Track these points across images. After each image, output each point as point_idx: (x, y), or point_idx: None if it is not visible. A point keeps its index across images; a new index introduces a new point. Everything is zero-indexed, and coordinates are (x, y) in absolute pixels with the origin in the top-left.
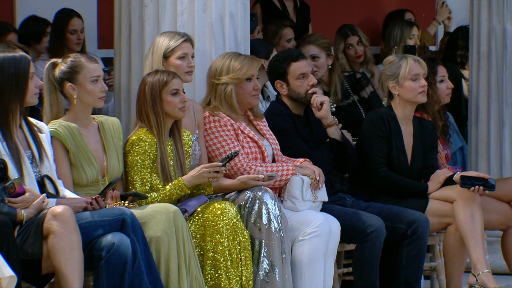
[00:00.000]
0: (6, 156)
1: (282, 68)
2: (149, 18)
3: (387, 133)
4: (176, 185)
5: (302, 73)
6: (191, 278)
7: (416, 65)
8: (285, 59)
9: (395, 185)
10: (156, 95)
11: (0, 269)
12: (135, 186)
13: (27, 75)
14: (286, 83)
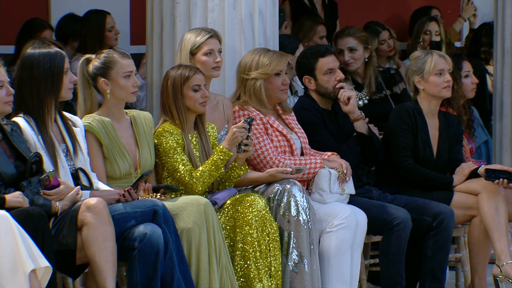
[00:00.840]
0: (42, 149)
1: (310, 64)
2: (180, 15)
3: (413, 126)
4: (218, 152)
5: (329, 69)
6: (221, 268)
7: (441, 60)
8: (313, 55)
9: (421, 178)
10: (177, 90)
11: (36, 260)
12: (178, 169)
13: (62, 70)
14: (314, 78)
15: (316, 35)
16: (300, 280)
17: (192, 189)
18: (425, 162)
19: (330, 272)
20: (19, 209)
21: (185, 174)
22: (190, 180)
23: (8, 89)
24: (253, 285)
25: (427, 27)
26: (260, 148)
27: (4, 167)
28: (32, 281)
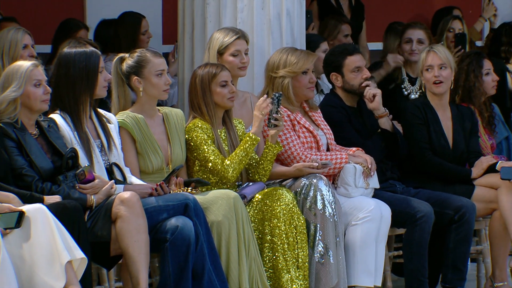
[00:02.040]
0: (77, 145)
1: (338, 61)
2: (210, 15)
3: (424, 119)
4: (246, 139)
5: (357, 67)
6: (250, 260)
7: (429, 57)
8: (341, 53)
9: (440, 170)
10: (206, 87)
11: (72, 251)
12: (210, 159)
13: (97, 69)
14: (341, 75)
15: (340, 34)
16: (325, 271)
17: (224, 176)
18: (442, 153)
19: (355, 264)
20: (56, 203)
21: (217, 162)
22: (222, 168)
23: (45, 87)
24: (281, 276)
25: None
26: (287, 143)
27: (41, 162)
28: (68, 272)
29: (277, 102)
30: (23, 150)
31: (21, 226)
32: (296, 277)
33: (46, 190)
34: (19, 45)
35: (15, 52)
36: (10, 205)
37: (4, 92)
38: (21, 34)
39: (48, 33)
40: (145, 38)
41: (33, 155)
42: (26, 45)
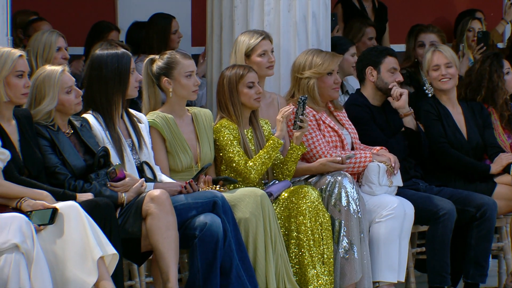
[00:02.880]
0: (109, 144)
1: (378, 57)
2: (238, 18)
3: (437, 115)
4: (270, 143)
5: (393, 67)
6: (276, 256)
7: (435, 56)
8: (382, 51)
9: (459, 163)
10: (233, 88)
11: (103, 247)
12: (234, 159)
13: (128, 70)
14: (378, 71)
15: (364, 36)
16: (350, 266)
17: (247, 177)
18: (459, 146)
19: (379, 260)
20: (88, 200)
21: (240, 163)
22: (245, 169)
23: (76, 91)
24: (307, 271)
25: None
26: (312, 142)
27: (74, 161)
28: (100, 267)
29: (303, 104)
30: (56, 149)
31: (54, 222)
32: (321, 273)
33: (79, 188)
34: (53, 48)
35: (48, 54)
36: (44, 202)
37: (39, 105)
38: (55, 36)
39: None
40: (176, 37)
41: (66, 153)
42: (59, 48)
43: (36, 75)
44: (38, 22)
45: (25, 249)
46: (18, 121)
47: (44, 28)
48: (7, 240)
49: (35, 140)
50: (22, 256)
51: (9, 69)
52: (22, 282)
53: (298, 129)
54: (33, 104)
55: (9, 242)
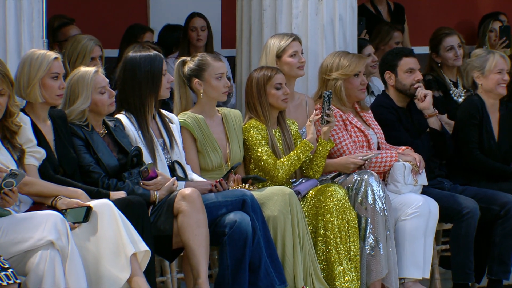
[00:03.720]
0: (141, 143)
1: (393, 61)
2: (267, 21)
3: (480, 120)
4: (301, 146)
5: (410, 68)
6: (304, 253)
7: (501, 60)
8: (397, 54)
9: (485, 168)
10: (261, 89)
11: (136, 244)
12: (262, 158)
13: (160, 71)
14: (395, 74)
15: (392, 40)
16: (376, 262)
17: (274, 176)
18: (489, 152)
19: (405, 257)
20: (121, 198)
21: (269, 162)
22: (273, 168)
23: (110, 92)
24: (334, 268)
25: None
26: (339, 142)
27: (108, 160)
28: (132, 264)
29: (328, 100)
30: (90, 149)
31: (88, 220)
32: (348, 269)
33: (112, 186)
34: (87, 58)
35: (81, 63)
36: (78, 201)
37: (72, 105)
38: (91, 46)
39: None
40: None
41: (100, 153)
42: (93, 58)
43: (70, 76)
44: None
45: (60, 246)
46: (53, 121)
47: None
48: (42, 237)
49: (70, 139)
50: (57, 252)
51: (44, 71)
52: (57, 278)
53: (325, 124)
54: (67, 104)
55: (45, 239)
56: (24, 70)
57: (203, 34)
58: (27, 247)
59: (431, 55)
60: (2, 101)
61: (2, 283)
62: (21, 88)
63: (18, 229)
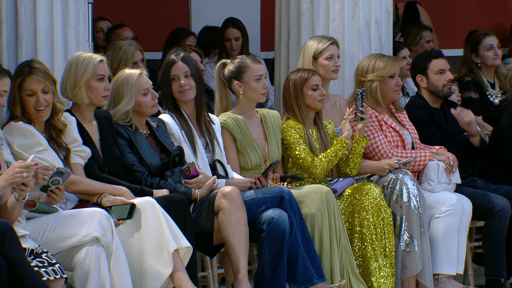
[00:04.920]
0: (184, 143)
1: (423, 64)
2: (304, 24)
3: None
4: (338, 142)
5: (440, 69)
6: (341, 249)
7: None
8: (427, 56)
9: None
10: (298, 90)
11: (178, 241)
12: (300, 156)
13: (168, 77)
14: (426, 77)
15: (422, 40)
16: (410, 259)
17: (313, 173)
18: None
19: (439, 254)
20: (164, 196)
21: (307, 160)
22: (312, 165)
23: (153, 93)
24: (370, 264)
25: None
26: (375, 142)
27: (151, 159)
28: (175, 259)
29: (361, 97)
30: (134, 148)
31: (132, 217)
32: (383, 265)
33: (155, 185)
34: (129, 63)
35: (124, 68)
36: (123, 198)
37: (117, 106)
38: (132, 51)
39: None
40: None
41: (143, 152)
42: (135, 62)
43: (115, 78)
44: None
45: (105, 242)
46: (99, 121)
47: (125, 35)
48: (88, 233)
49: (115, 139)
50: (102, 248)
51: (90, 73)
52: (102, 273)
53: (359, 121)
54: (112, 105)
55: (90, 235)
56: (71, 72)
57: (236, 44)
58: (74, 243)
59: (470, 56)
60: (48, 99)
61: (49, 278)
62: (68, 89)
63: (65, 225)
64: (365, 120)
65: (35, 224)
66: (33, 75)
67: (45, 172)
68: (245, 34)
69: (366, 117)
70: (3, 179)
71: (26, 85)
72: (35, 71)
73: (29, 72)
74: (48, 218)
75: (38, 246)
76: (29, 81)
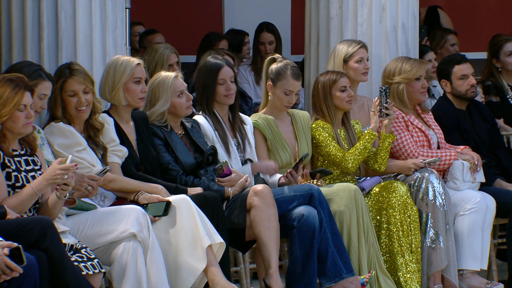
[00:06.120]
0: (217, 143)
1: (446, 69)
2: (334, 28)
3: None
4: (365, 135)
5: (463, 75)
6: (368, 245)
7: None
8: (450, 62)
9: None
10: (327, 92)
11: (212, 237)
12: (331, 153)
13: (215, 82)
14: (450, 82)
15: (447, 43)
16: (436, 254)
17: (345, 167)
18: None
19: (463, 250)
20: (198, 194)
21: (338, 155)
22: (343, 160)
23: (187, 95)
24: (396, 259)
25: None
26: (401, 142)
27: (185, 158)
28: (208, 255)
29: (385, 94)
30: (169, 148)
31: (168, 214)
32: (409, 261)
33: (189, 183)
34: (165, 66)
35: (160, 70)
36: (159, 196)
37: (153, 107)
38: (167, 54)
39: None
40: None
41: (178, 152)
42: (171, 65)
43: (152, 80)
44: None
45: (142, 238)
46: (136, 122)
47: (157, 40)
48: (125, 230)
49: (151, 139)
50: (139, 244)
51: (128, 76)
52: (139, 268)
53: (385, 117)
54: (148, 106)
55: (128, 232)
56: (109, 75)
57: (270, 47)
58: (111, 239)
59: (491, 60)
60: (89, 99)
61: (88, 272)
62: (106, 91)
63: (103, 222)
64: (391, 116)
65: (75, 220)
66: (74, 76)
67: (91, 182)
68: (278, 38)
69: (391, 113)
70: (44, 179)
71: (68, 86)
72: (76, 72)
73: (70, 74)
74: (87, 215)
75: (77, 242)
76: (71, 82)
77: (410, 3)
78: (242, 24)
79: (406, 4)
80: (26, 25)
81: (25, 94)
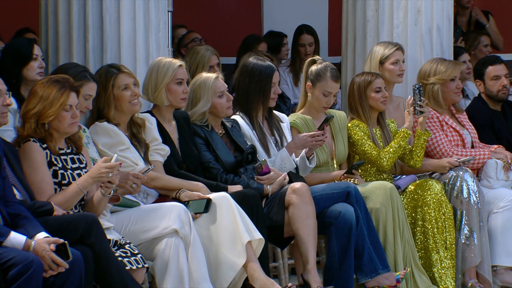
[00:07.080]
0: (256, 141)
1: (480, 70)
2: (370, 30)
3: None
4: (400, 133)
5: (495, 75)
6: (404, 242)
7: None
8: (484, 63)
9: None
10: (362, 92)
11: (251, 233)
12: (367, 151)
13: (269, 84)
14: (483, 82)
15: (480, 44)
16: (470, 251)
17: (380, 164)
18: None
19: (497, 247)
20: (238, 191)
21: (373, 154)
22: (378, 157)
23: (227, 96)
24: (431, 255)
25: None
26: (436, 141)
27: (226, 157)
28: (248, 251)
29: (418, 92)
30: (210, 147)
31: (208, 211)
32: (444, 257)
33: (229, 181)
34: (206, 67)
35: (201, 71)
36: (200, 193)
37: (194, 107)
38: (208, 55)
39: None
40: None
41: (219, 151)
42: (211, 66)
43: (193, 81)
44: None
45: (183, 234)
46: (178, 122)
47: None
48: (168, 226)
49: (192, 138)
50: (181, 240)
51: (170, 77)
52: (181, 263)
53: (419, 115)
54: (190, 106)
55: (170, 228)
56: (152, 76)
57: (310, 49)
58: (154, 235)
59: None
60: (138, 92)
61: (132, 267)
62: (149, 92)
63: (146, 219)
64: (425, 113)
65: (119, 217)
66: (122, 72)
67: (135, 180)
68: (317, 40)
69: (425, 110)
70: (89, 177)
71: (120, 81)
72: (123, 67)
73: (118, 71)
74: (130, 211)
75: (121, 238)
76: (122, 77)
77: (445, 6)
78: (280, 26)
79: (441, 6)
80: (72, 28)
81: (71, 95)
